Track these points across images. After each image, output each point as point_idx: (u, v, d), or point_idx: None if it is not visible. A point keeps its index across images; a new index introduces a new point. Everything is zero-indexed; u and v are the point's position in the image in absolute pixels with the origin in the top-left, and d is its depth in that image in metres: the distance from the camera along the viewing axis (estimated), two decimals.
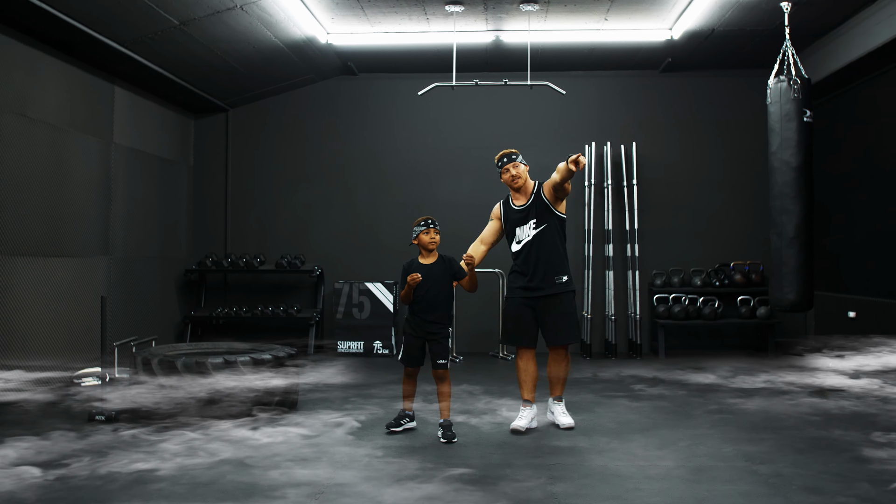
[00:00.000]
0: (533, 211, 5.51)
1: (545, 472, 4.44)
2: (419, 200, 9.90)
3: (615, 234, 9.64)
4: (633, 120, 9.85)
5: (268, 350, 6.13)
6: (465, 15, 7.80)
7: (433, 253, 5.38)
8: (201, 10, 7.02)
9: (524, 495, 4.01)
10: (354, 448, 4.95)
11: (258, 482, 4.22)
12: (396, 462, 4.64)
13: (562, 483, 4.23)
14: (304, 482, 4.21)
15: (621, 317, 9.63)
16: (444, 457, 4.78)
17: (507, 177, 5.56)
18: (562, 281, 5.48)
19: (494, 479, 4.29)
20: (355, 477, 4.32)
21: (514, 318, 5.57)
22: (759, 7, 7.43)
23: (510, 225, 5.59)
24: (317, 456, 4.76)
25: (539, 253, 5.47)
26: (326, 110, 10.14)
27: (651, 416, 5.96)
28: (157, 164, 9.24)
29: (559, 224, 5.55)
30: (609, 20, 8.01)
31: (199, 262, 9.78)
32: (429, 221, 5.36)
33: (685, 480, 4.29)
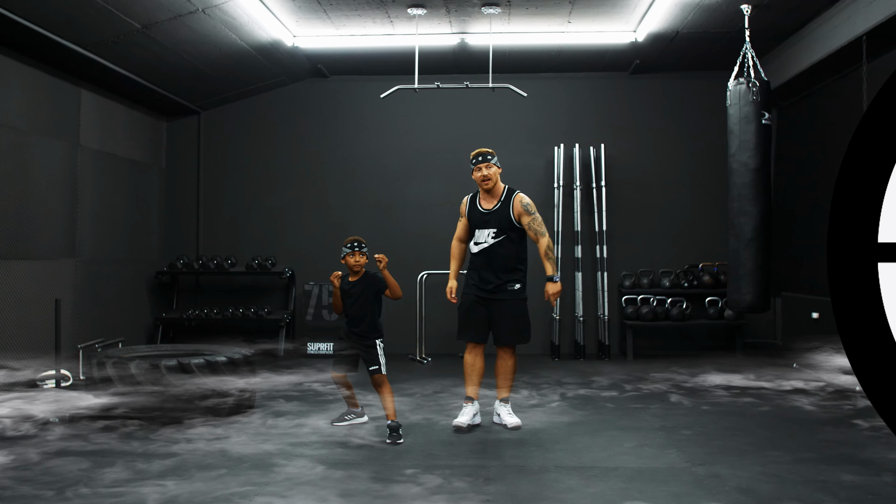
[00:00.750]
0: (496, 219, 5.56)
1: (482, 473, 4.47)
2: (390, 202, 9.95)
3: (584, 235, 9.68)
4: (602, 121, 9.89)
5: (224, 352, 6.16)
6: (429, 18, 7.84)
7: (359, 272, 5.55)
8: (162, 13, 7.04)
9: (457, 496, 4.04)
10: (298, 449, 4.98)
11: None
12: (335, 462, 4.67)
13: (496, 483, 4.27)
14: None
15: (590, 318, 9.67)
16: (385, 458, 4.81)
17: (479, 175, 5.60)
18: (514, 289, 5.56)
19: (431, 480, 4.32)
20: (285, 477, 4.35)
21: (467, 312, 5.64)
22: (719, 9, 7.47)
23: (473, 224, 5.66)
24: (257, 459, 4.79)
25: (494, 260, 5.55)
26: (298, 112, 10.17)
27: (604, 417, 6.00)
28: (127, 166, 9.26)
29: (519, 235, 5.62)
30: (573, 22, 8.05)
31: (171, 265, 9.80)
32: (354, 244, 5.53)
33: (622, 481, 4.33)
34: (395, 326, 9.69)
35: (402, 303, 9.56)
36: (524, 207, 5.55)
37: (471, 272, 5.70)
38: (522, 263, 5.63)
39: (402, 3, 7.48)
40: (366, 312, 5.51)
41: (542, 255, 5.52)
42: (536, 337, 9.65)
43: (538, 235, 5.54)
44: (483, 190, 5.63)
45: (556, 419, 5.92)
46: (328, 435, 5.39)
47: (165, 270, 9.80)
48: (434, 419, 5.91)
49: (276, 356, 9.32)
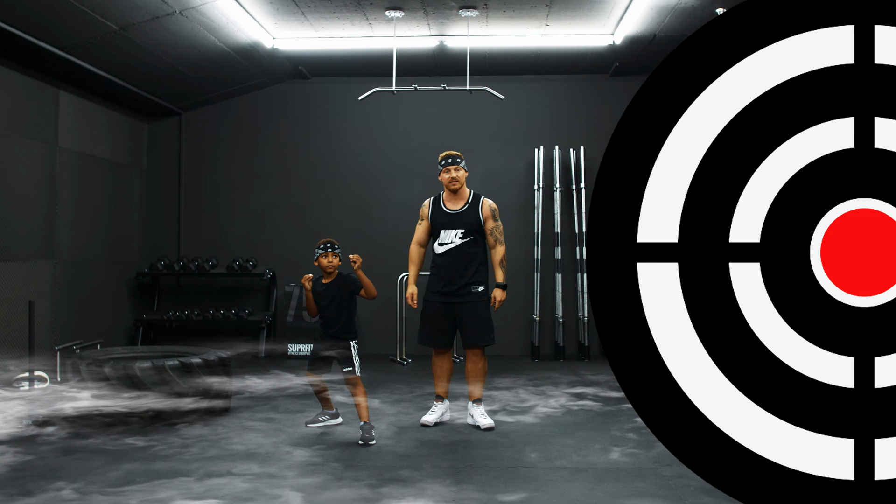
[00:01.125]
0: (463, 220, 5.65)
1: (452, 474, 4.50)
2: (371, 203, 9.97)
3: (564, 237, 9.72)
4: (583, 124, 9.93)
5: (200, 353, 6.17)
6: (407, 20, 7.87)
7: (333, 273, 5.57)
8: (139, 15, 7.05)
9: (425, 496, 4.07)
10: (270, 450, 5.00)
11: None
12: (307, 462, 4.69)
13: (465, 483, 4.30)
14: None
15: (570, 319, 9.71)
16: (356, 458, 4.84)
17: (448, 177, 5.68)
18: (478, 290, 5.64)
19: (400, 481, 4.35)
20: (254, 478, 4.37)
21: (432, 323, 5.72)
22: (695, 13, 7.52)
23: (437, 225, 5.72)
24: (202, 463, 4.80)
25: (460, 261, 5.62)
26: (280, 113, 10.19)
27: (577, 419, 6.04)
28: (107, 167, 9.26)
29: (484, 238, 5.73)
30: (550, 25, 8.09)
31: (152, 266, 9.79)
32: (327, 245, 5.55)
33: (589, 481, 4.36)
34: (375, 327, 9.75)
35: (382, 304, 9.65)
36: (492, 212, 5.69)
37: (434, 276, 5.76)
38: (485, 266, 5.73)
39: (380, 6, 7.51)
40: (340, 314, 5.54)
41: (498, 262, 5.64)
42: (517, 338, 9.79)
43: (497, 243, 5.67)
44: (449, 191, 5.72)
45: (529, 420, 5.96)
46: (302, 436, 5.41)
47: (146, 272, 9.79)
48: (410, 420, 5.93)
49: (256, 357, 9.33)
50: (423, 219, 5.82)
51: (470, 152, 9.84)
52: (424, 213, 5.83)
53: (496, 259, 5.65)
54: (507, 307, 9.64)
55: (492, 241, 5.68)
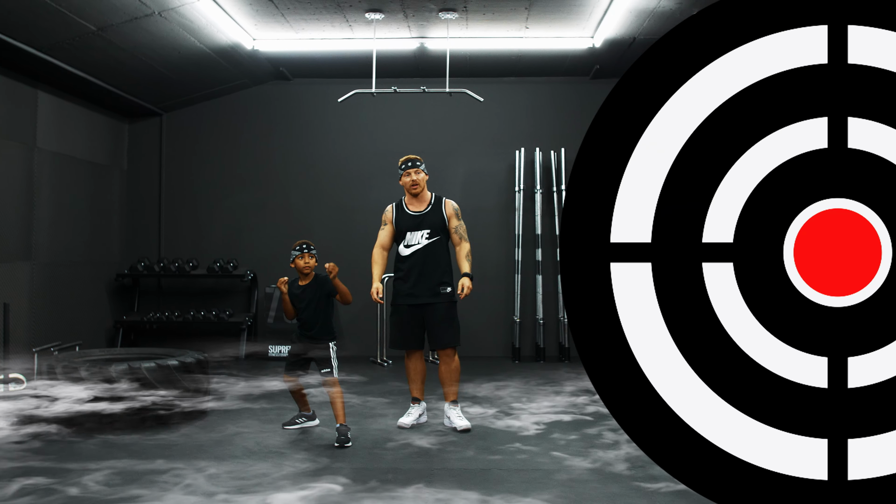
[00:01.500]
0: (428, 221, 5.73)
1: (425, 476, 4.51)
2: (352, 204, 9.97)
3: (545, 238, 9.75)
4: (564, 126, 9.95)
5: (177, 355, 6.16)
6: (387, 22, 7.88)
7: (309, 275, 5.57)
8: (118, 16, 7.03)
9: (397, 497, 4.08)
10: (245, 452, 5.00)
11: None
12: (281, 464, 4.70)
13: (438, 485, 4.31)
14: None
15: (551, 321, 9.74)
16: (333, 460, 4.84)
17: (408, 180, 5.77)
18: (445, 291, 5.69)
19: (374, 482, 4.36)
20: (227, 479, 4.37)
21: (401, 328, 5.78)
22: (673, 17, 7.55)
23: (402, 228, 5.78)
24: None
25: (426, 262, 5.67)
26: (261, 114, 10.18)
27: (555, 419, 6.06)
28: (87, 168, 9.22)
29: (448, 238, 5.81)
30: (530, 28, 8.11)
31: (132, 267, 9.76)
32: (303, 246, 5.54)
33: (561, 483, 4.38)
34: (355, 329, 9.75)
35: (362, 306, 9.65)
36: (455, 211, 5.79)
37: (399, 279, 5.80)
38: (451, 268, 5.80)
39: (360, 8, 7.51)
40: (318, 315, 5.54)
41: (464, 256, 5.70)
42: (497, 340, 9.81)
43: (462, 240, 5.76)
44: (411, 195, 5.80)
45: (507, 421, 5.97)
46: (279, 438, 5.41)
47: (126, 273, 9.76)
48: (388, 422, 5.94)
49: (237, 359, 9.32)
50: (387, 223, 5.88)
51: (451, 154, 9.91)
52: (388, 217, 5.89)
53: (462, 253, 5.72)
54: (487, 309, 9.74)
55: (456, 238, 5.77)
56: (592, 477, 4.52)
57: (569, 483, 4.40)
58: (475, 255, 5.86)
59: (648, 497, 4.14)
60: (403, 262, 5.75)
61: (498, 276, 9.78)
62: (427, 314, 5.67)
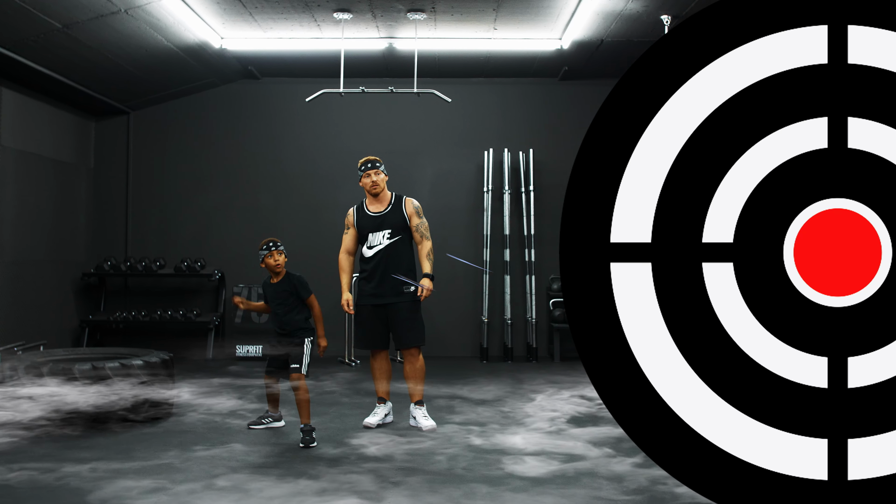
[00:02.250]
0: (389, 220, 5.74)
1: (390, 476, 4.52)
2: (321, 204, 9.95)
3: (513, 239, 9.80)
4: (533, 126, 10.01)
5: (142, 355, 6.11)
6: (355, 22, 7.88)
7: (281, 273, 5.56)
8: (83, 13, 6.98)
9: (364, 497, 4.09)
10: (209, 451, 4.99)
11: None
12: (245, 464, 4.69)
13: (402, 486, 4.32)
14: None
15: (519, 321, 9.78)
16: (296, 460, 4.84)
17: (368, 182, 5.78)
18: (408, 290, 5.69)
19: (339, 482, 4.37)
20: (192, 479, 4.36)
21: (365, 326, 5.81)
22: (640, 20, 7.62)
23: (364, 230, 5.80)
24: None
25: (389, 262, 5.69)
26: (229, 113, 10.13)
27: (521, 418, 6.09)
28: (53, 166, 9.14)
29: (411, 237, 5.82)
30: (498, 29, 8.15)
31: (98, 266, 9.68)
32: (270, 244, 5.53)
33: (529, 481, 4.41)
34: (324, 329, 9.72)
35: (330, 306, 9.60)
36: (415, 209, 5.80)
37: (363, 280, 5.83)
38: (414, 267, 5.81)
39: (329, 8, 7.51)
40: (293, 312, 5.51)
41: (425, 255, 5.73)
42: (465, 340, 9.84)
43: (424, 238, 5.77)
44: (371, 195, 5.81)
45: (473, 419, 5.99)
46: (243, 438, 5.40)
47: (92, 272, 9.68)
48: (353, 422, 5.95)
49: (204, 359, 9.28)
50: (350, 227, 5.89)
51: (420, 154, 9.93)
52: (350, 221, 5.90)
53: (423, 252, 5.75)
54: (456, 309, 9.77)
55: (418, 237, 5.78)
56: (568, 477, 4.55)
57: (537, 481, 4.43)
58: (443, 255, 5.89)
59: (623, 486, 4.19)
60: (367, 263, 5.77)
61: (466, 277, 9.81)
62: (391, 314, 5.69)
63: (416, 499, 4.10)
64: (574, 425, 5.83)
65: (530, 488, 4.29)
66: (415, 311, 5.73)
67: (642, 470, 4.57)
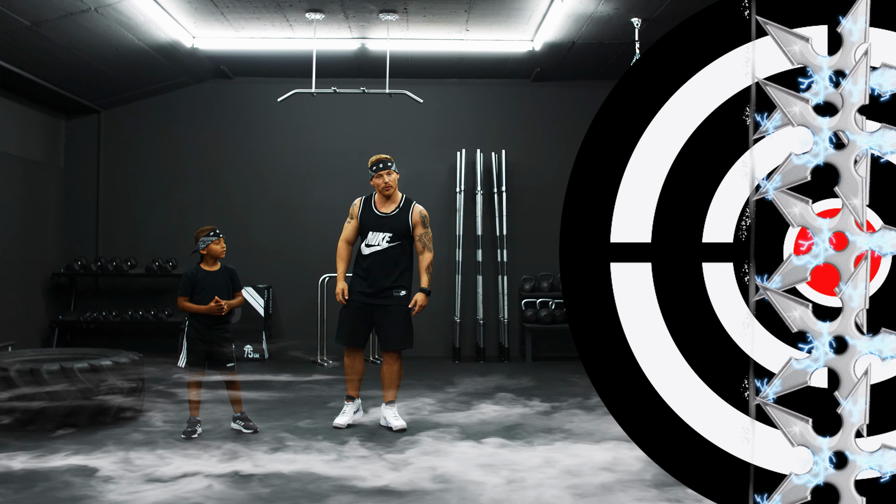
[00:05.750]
0: (393, 224, 5.71)
1: (350, 492, 4.54)
2: (293, 203, 9.95)
3: (486, 239, 9.84)
4: (505, 127, 10.06)
5: (111, 355, 6.08)
6: (328, 22, 7.88)
7: (217, 262, 5.59)
8: (52, 11, 6.93)
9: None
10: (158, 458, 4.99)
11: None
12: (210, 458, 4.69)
13: (368, 498, 4.34)
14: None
15: (491, 321, 9.83)
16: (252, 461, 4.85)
17: (381, 182, 5.72)
18: (400, 295, 5.69)
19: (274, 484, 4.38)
20: (139, 479, 4.36)
21: (350, 321, 5.74)
22: (611, 22, 7.68)
23: (366, 226, 5.75)
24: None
25: (385, 264, 5.67)
26: (202, 113, 10.09)
27: (491, 417, 6.12)
28: (22, 165, 9.06)
29: (411, 243, 5.79)
30: (470, 30, 8.18)
31: (68, 266, 9.61)
32: (217, 231, 5.58)
33: (505, 486, 4.44)
34: (296, 329, 9.73)
35: (304, 305, 9.64)
36: (422, 218, 5.76)
37: (357, 276, 5.78)
38: (409, 271, 5.78)
39: (301, 8, 7.50)
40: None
41: (425, 268, 5.72)
42: (438, 340, 9.87)
43: (426, 249, 5.75)
44: (383, 196, 5.76)
45: (447, 418, 6.02)
46: (198, 446, 5.39)
47: (62, 272, 9.60)
48: (323, 423, 5.95)
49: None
50: (353, 218, 5.82)
51: (393, 154, 9.75)
52: (355, 212, 5.83)
53: (423, 265, 5.72)
54: (428, 309, 9.70)
55: (420, 247, 5.74)
56: (539, 480, 4.58)
57: (511, 480, 4.46)
58: (439, 267, 5.76)
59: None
60: (363, 261, 5.73)
61: (439, 277, 9.81)
62: (377, 314, 5.68)
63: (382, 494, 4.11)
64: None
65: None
66: (406, 315, 5.71)
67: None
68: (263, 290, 9.54)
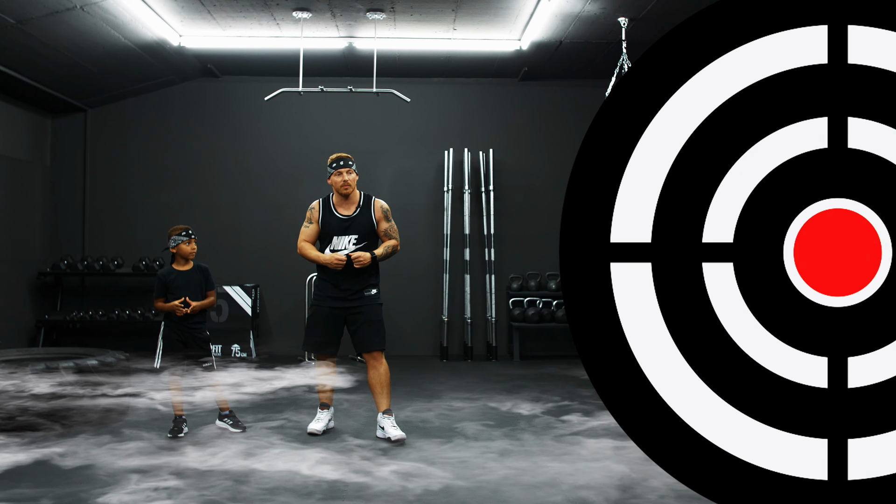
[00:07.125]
0: (357, 225, 5.49)
1: (337, 494, 4.55)
2: (281, 202, 9.92)
3: (473, 238, 9.85)
4: (493, 126, 10.07)
5: (97, 355, 6.06)
6: (315, 21, 7.87)
7: (189, 262, 5.64)
8: (38, 9, 6.90)
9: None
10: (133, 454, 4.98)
11: None
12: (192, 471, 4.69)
13: (356, 500, 4.35)
14: None
15: (479, 320, 9.84)
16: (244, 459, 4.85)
17: (339, 180, 5.48)
18: (371, 294, 5.50)
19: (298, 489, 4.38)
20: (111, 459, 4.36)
21: (322, 328, 5.53)
22: (598, 21, 7.70)
23: (329, 231, 5.51)
24: None
25: (353, 270, 5.40)
26: (189, 112, 10.07)
27: (476, 420, 6.14)
28: (7, 164, 9.02)
29: (378, 242, 5.57)
30: (458, 29, 8.19)
31: (54, 265, 9.57)
32: (189, 232, 5.63)
33: (491, 490, 4.45)
34: (282, 329, 9.73)
35: (291, 305, 9.63)
36: (384, 213, 5.54)
37: (323, 281, 5.56)
38: (377, 269, 5.59)
39: (288, 6, 7.49)
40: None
41: (383, 245, 5.48)
42: (426, 339, 9.87)
43: (391, 239, 5.52)
44: (340, 195, 5.54)
45: (437, 421, 6.02)
46: (178, 447, 5.38)
47: (49, 271, 9.56)
48: (297, 429, 5.94)
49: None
50: (313, 222, 5.57)
51: (380, 153, 9.94)
52: (314, 216, 5.58)
53: (386, 243, 5.49)
54: (416, 308, 9.80)
55: (386, 239, 5.51)
56: (519, 480, 4.60)
57: (499, 483, 4.47)
58: (403, 254, 5.71)
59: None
60: (331, 267, 5.44)
61: (427, 276, 9.85)
62: (350, 317, 5.47)
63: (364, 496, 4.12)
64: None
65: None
66: (378, 313, 5.50)
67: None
68: (251, 289, 9.53)
